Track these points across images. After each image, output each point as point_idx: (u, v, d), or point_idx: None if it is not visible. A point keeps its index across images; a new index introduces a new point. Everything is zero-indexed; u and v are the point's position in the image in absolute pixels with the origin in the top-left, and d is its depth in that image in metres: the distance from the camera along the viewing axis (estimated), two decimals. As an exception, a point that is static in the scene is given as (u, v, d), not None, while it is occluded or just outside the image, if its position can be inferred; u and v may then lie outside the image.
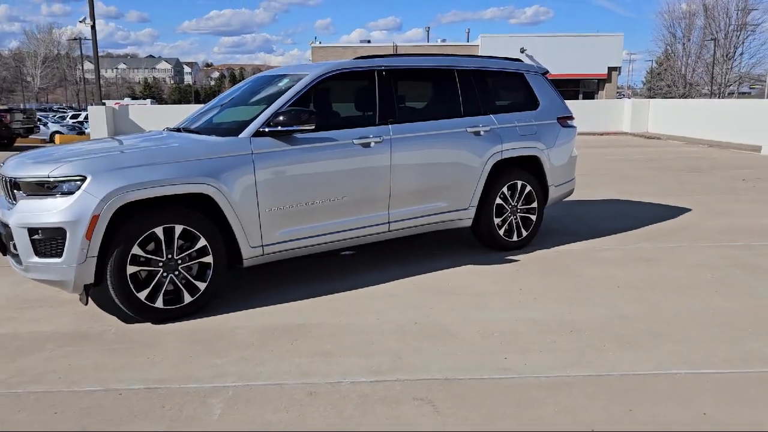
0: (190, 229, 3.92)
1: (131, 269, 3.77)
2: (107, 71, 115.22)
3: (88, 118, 22.51)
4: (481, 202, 5.30)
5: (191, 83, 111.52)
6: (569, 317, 3.89)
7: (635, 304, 4.11)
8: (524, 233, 5.58)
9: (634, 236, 6.03)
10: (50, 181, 3.69)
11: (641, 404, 2.79)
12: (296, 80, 4.64)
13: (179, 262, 3.93)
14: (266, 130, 4.25)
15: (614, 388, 2.95)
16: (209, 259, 4.03)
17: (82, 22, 21.60)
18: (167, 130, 5.10)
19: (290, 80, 4.75)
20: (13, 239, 3.77)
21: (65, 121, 33.96)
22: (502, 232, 5.45)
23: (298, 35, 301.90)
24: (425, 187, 4.97)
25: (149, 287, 3.85)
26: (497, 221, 5.41)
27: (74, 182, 3.66)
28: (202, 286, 4.02)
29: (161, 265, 3.88)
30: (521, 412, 2.76)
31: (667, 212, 7.16)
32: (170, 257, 3.90)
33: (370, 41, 50.20)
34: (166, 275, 3.90)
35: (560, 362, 3.25)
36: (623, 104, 23.15)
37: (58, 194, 3.68)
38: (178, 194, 3.90)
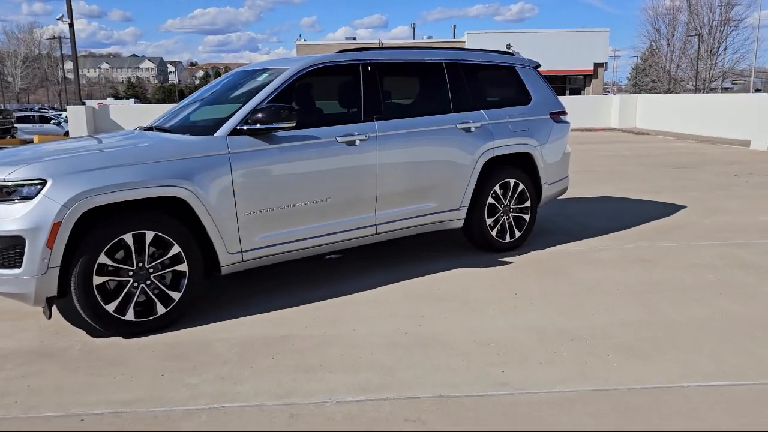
0: (162, 235, 3.64)
1: (98, 280, 3.49)
2: (90, 71, 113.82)
3: (67, 118, 21.99)
4: (472, 201, 5.07)
5: (175, 82, 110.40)
6: (568, 324, 3.66)
7: (636, 309, 3.90)
8: (517, 234, 5.35)
9: (629, 235, 5.82)
10: (7, 185, 3.39)
11: (652, 422, 2.57)
12: (276, 75, 4.37)
13: (151, 271, 3.66)
14: (244, 128, 3.98)
15: (622, 404, 2.72)
16: (184, 267, 3.75)
17: (59, 20, 21.10)
18: (139, 128, 4.81)
19: (270, 75, 4.48)
20: (-32, 249, 3.47)
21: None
22: (494, 232, 5.22)
23: (283, 33, 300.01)
24: (414, 186, 4.73)
25: (118, 299, 3.57)
26: (489, 222, 5.18)
27: (33, 186, 3.37)
28: (176, 296, 3.74)
29: (131, 274, 3.60)
30: (522, 433, 2.53)
31: (661, 210, 6.98)
32: (141, 266, 3.62)
33: (355, 38, 49.89)
34: (136, 285, 3.62)
35: (562, 375, 3.02)
36: (611, 100, 23.08)
37: (16, 200, 3.38)
38: (148, 198, 3.62)
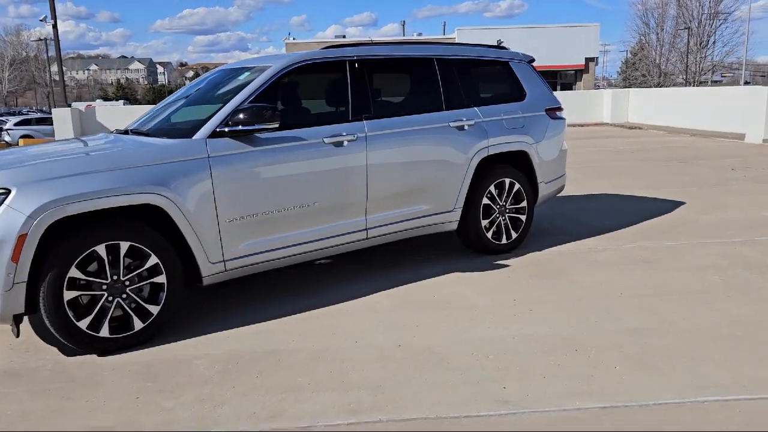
0: (137, 245, 3.41)
1: (69, 295, 3.26)
2: (78, 73, 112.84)
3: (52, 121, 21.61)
4: (466, 203, 4.86)
5: (165, 83, 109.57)
6: (571, 332, 3.46)
7: (642, 314, 3.70)
8: (514, 235, 5.15)
9: (630, 234, 5.63)
10: (-32, 195, 3.15)
11: (667, 443, 2.37)
12: (258, 73, 4.14)
13: (127, 283, 3.43)
14: (225, 130, 3.75)
15: (634, 423, 2.52)
16: (162, 278, 3.52)
17: (43, 21, 20.71)
18: (116, 132, 4.57)
19: (252, 73, 4.24)
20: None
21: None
22: (490, 234, 5.02)
23: (273, 33, 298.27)
24: (405, 188, 4.51)
25: (92, 314, 3.33)
26: (485, 223, 4.97)
27: (-5, 196, 3.13)
28: (154, 310, 3.51)
29: (105, 288, 3.36)
30: (528, 459, 2.32)
31: (660, 206, 6.79)
32: (116, 279, 3.39)
33: (345, 36, 49.57)
34: (111, 300, 3.39)
35: (567, 390, 2.81)
36: (602, 94, 22.93)
37: (-22, 211, 3.14)
38: (121, 207, 3.39)
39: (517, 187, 5.11)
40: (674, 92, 21.17)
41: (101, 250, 3.31)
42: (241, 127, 3.74)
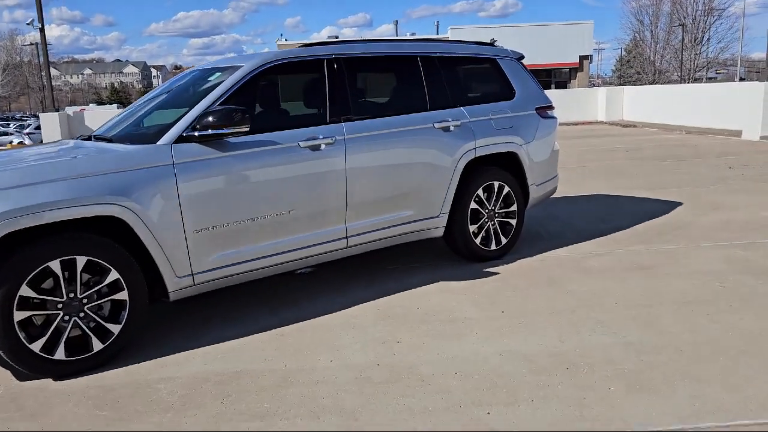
0: (96, 260, 3.17)
1: (20, 315, 3.01)
2: (73, 77, 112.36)
3: (40, 126, 21.33)
4: (453, 208, 4.62)
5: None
6: (562, 348, 3.22)
7: (638, 327, 3.47)
8: (503, 240, 4.91)
9: (625, 238, 5.40)
10: None
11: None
12: (230, 74, 3.90)
13: (85, 301, 3.18)
14: (193, 134, 3.51)
15: (630, 454, 2.29)
16: (124, 295, 3.28)
17: (30, 24, 20.45)
18: (80, 138, 4.33)
19: (223, 74, 4.00)
20: None
21: (26, 129, 32.58)
22: (478, 240, 4.78)
23: (267, 35, 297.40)
24: (388, 193, 4.27)
25: (46, 335, 3.09)
26: (473, 229, 4.73)
27: (-66, 211, 2.88)
28: (115, 329, 3.27)
29: (61, 306, 3.12)
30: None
31: (657, 207, 6.57)
32: (72, 296, 3.14)
33: (338, 37, 49.29)
34: (68, 319, 3.14)
35: (557, 416, 2.58)
36: (597, 92, 22.71)
37: None
38: (78, 219, 3.14)
39: (506, 190, 4.88)
40: (669, 89, 20.98)
41: (55, 266, 3.06)
42: (211, 130, 3.50)
